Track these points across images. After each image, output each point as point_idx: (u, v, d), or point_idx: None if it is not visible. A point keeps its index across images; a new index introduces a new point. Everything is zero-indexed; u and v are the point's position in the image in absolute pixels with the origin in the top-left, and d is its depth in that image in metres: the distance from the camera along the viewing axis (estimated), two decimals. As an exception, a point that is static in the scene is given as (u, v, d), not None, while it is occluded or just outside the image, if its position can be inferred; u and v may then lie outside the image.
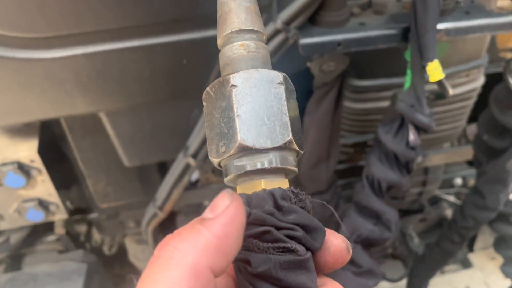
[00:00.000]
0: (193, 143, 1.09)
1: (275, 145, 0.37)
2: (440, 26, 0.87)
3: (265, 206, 0.36)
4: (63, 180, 1.32)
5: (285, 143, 0.38)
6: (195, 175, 1.35)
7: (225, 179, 0.40)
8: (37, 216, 1.28)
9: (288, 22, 0.86)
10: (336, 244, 0.38)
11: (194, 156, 1.10)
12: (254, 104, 0.38)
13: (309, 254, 0.36)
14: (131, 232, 1.59)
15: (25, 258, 1.52)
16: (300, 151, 0.40)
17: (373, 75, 1.11)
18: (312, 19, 0.89)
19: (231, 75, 0.39)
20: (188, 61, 1.01)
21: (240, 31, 0.41)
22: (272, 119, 0.38)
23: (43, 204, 1.27)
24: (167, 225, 1.47)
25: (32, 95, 1.00)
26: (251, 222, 0.35)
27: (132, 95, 1.05)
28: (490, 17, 0.90)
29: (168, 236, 0.32)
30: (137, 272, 1.75)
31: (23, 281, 1.41)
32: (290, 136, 0.38)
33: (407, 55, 0.89)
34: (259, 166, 0.38)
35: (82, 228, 1.59)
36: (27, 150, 1.17)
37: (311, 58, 0.96)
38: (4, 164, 1.17)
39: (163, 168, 1.36)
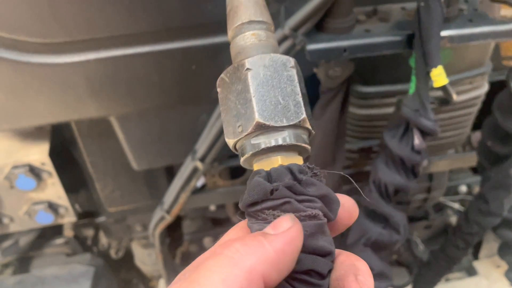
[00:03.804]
0: (201, 147, 1.11)
1: (290, 123, 0.39)
2: (444, 33, 0.89)
3: (285, 179, 0.38)
4: (72, 183, 1.33)
5: (299, 121, 0.39)
6: (200, 181, 1.36)
7: (241, 160, 0.41)
8: (46, 219, 1.29)
9: (295, 29, 0.89)
10: (347, 199, 0.42)
11: (202, 159, 1.12)
12: (269, 86, 0.40)
13: (325, 219, 0.38)
14: (138, 236, 1.61)
15: (33, 261, 1.54)
16: (312, 131, 0.42)
17: (378, 81, 1.13)
18: (318, 26, 0.91)
19: (246, 60, 0.41)
20: (197, 67, 1.02)
21: (251, 22, 0.44)
22: (286, 99, 0.40)
23: (52, 206, 1.29)
24: (174, 229, 1.49)
25: (44, 99, 1.02)
26: (273, 197, 0.37)
27: (142, 99, 1.07)
28: (493, 25, 0.91)
29: (233, 239, 0.35)
30: (143, 276, 1.76)
31: (31, 284, 1.42)
32: (304, 115, 0.40)
33: (412, 62, 0.91)
34: (275, 143, 0.39)
35: (89, 232, 1.60)
36: (38, 153, 1.19)
37: (318, 64, 0.98)
38: (16, 167, 1.19)
39: (170, 173, 1.38)
